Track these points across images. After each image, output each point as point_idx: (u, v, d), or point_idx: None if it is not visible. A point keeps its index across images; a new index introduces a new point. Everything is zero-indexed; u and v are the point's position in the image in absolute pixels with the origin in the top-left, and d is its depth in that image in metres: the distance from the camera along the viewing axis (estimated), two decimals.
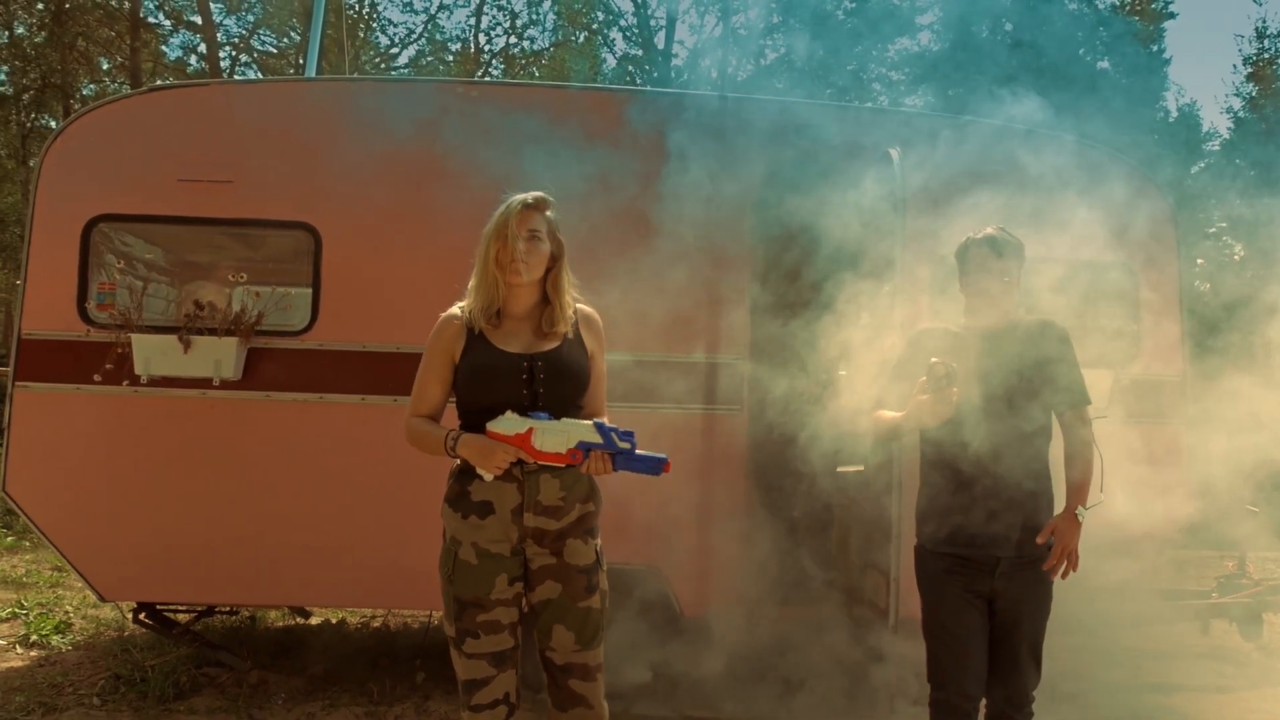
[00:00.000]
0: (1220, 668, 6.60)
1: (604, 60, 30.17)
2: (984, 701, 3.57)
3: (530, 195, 3.13)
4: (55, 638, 6.14)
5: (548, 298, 3.15)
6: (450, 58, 29.40)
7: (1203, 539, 10.25)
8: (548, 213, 3.15)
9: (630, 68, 29.92)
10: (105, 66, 26.94)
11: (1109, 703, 5.65)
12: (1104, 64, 26.82)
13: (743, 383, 5.12)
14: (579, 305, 3.23)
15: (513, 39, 29.17)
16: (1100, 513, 3.77)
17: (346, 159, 5.00)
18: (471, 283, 3.16)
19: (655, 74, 28.94)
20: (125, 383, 4.90)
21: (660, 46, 29.52)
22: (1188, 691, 6.03)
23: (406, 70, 28.26)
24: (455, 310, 3.19)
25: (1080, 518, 3.47)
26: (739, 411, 5.10)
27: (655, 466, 2.98)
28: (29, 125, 26.39)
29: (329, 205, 5.02)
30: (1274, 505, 7.15)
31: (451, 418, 3.17)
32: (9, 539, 9.39)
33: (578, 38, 29.21)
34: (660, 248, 4.90)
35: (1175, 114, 30.17)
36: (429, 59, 28.97)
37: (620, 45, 31.42)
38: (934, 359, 3.27)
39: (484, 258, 3.10)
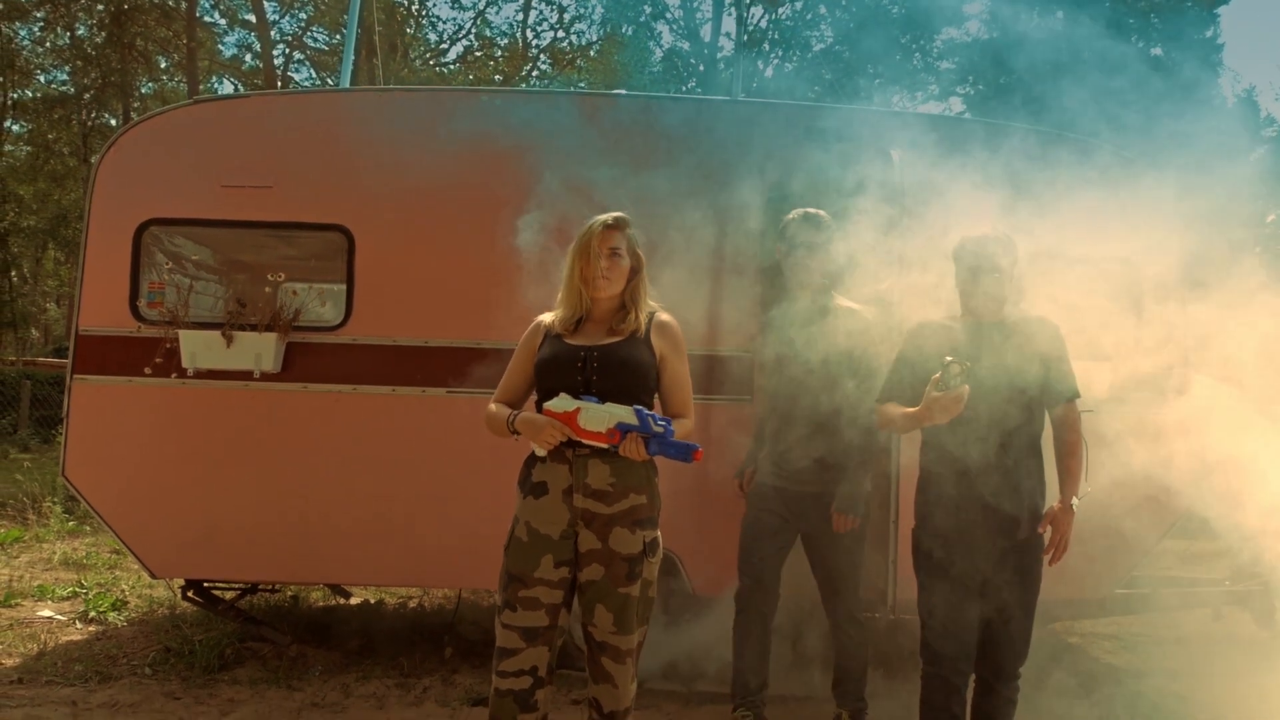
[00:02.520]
0: (1231, 654, 6.72)
1: (651, 53, 30.33)
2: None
3: (611, 216, 3.42)
4: (112, 614, 6.51)
5: (626, 306, 3.43)
6: (498, 53, 29.72)
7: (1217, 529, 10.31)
8: (627, 231, 3.44)
9: (676, 61, 30.09)
10: (163, 65, 27.56)
11: (1116, 687, 5.81)
12: (1157, 51, 26.53)
13: (752, 374, 5.33)
14: (658, 313, 3.49)
15: (560, 34, 29.47)
16: None
17: (378, 165, 5.32)
18: (559, 295, 3.47)
19: (701, 67, 29.10)
20: (173, 375, 5.25)
21: (706, 39, 29.68)
22: (1196, 677, 6.15)
23: (455, 66, 28.66)
24: (544, 316, 3.51)
25: (1074, 507, 3.68)
26: (749, 401, 5.31)
27: (686, 453, 3.21)
28: (90, 123, 27.11)
29: (361, 208, 5.32)
30: None
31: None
32: (70, 524, 9.82)
33: (625, 31, 29.37)
34: (673, 244, 5.12)
35: (1232, 100, 29.73)
36: (478, 54, 29.32)
37: (667, 38, 31.62)
38: (949, 358, 3.49)
39: (569, 273, 3.41)
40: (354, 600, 7.10)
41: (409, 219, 5.35)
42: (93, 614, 6.50)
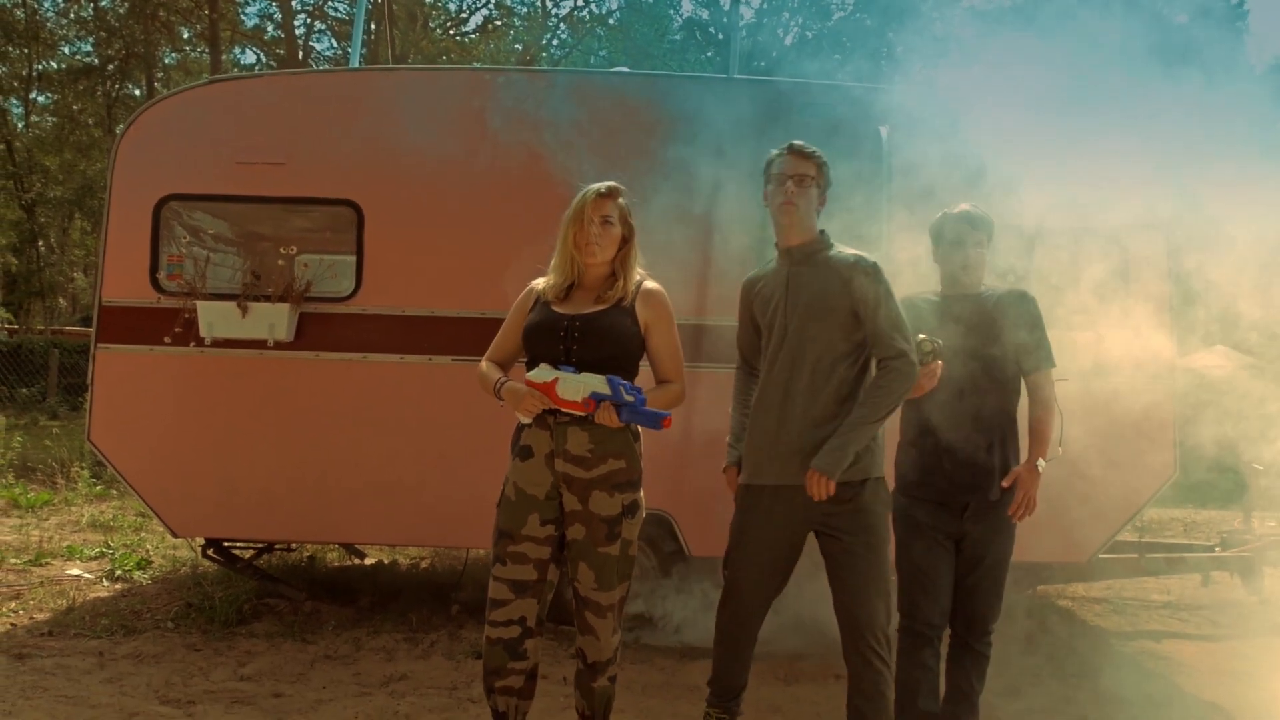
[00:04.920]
0: (1218, 617, 6.91)
1: (671, 21, 30.25)
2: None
3: (603, 184, 3.55)
4: (137, 573, 6.81)
5: (616, 274, 3.57)
6: (518, 22, 29.75)
7: (1208, 497, 10.46)
8: (619, 200, 3.57)
9: (695, 30, 30.03)
10: (186, 36, 27.76)
11: (1096, 647, 6.01)
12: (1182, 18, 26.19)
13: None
14: (646, 282, 3.61)
15: (579, 2, 29.45)
16: None
17: (386, 142, 5.52)
18: (553, 262, 3.60)
19: (720, 35, 29.02)
20: (192, 344, 5.49)
21: (726, 7, 29.56)
22: (1180, 638, 6.34)
23: (474, 36, 28.74)
24: (538, 281, 3.65)
25: (1040, 468, 3.87)
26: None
27: (655, 420, 3.36)
28: (114, 94, 27.37)
29: (370, 184, 5.53)
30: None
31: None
32: (98, 488, 10.16)
33: None
34: (667, 218, 5.29)
35: (1260, 68, 29.46)
36: (497, 23, 29.36)
37: (686, 6, 31.49)
38: (921, 335, 3.67)
39: (563, 240, 3.54)
40: (368, 560, 7.37)
41: (416, 193, 5.55)
42: (119, 572, 6.80)
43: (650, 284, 3.62)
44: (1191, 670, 5.59)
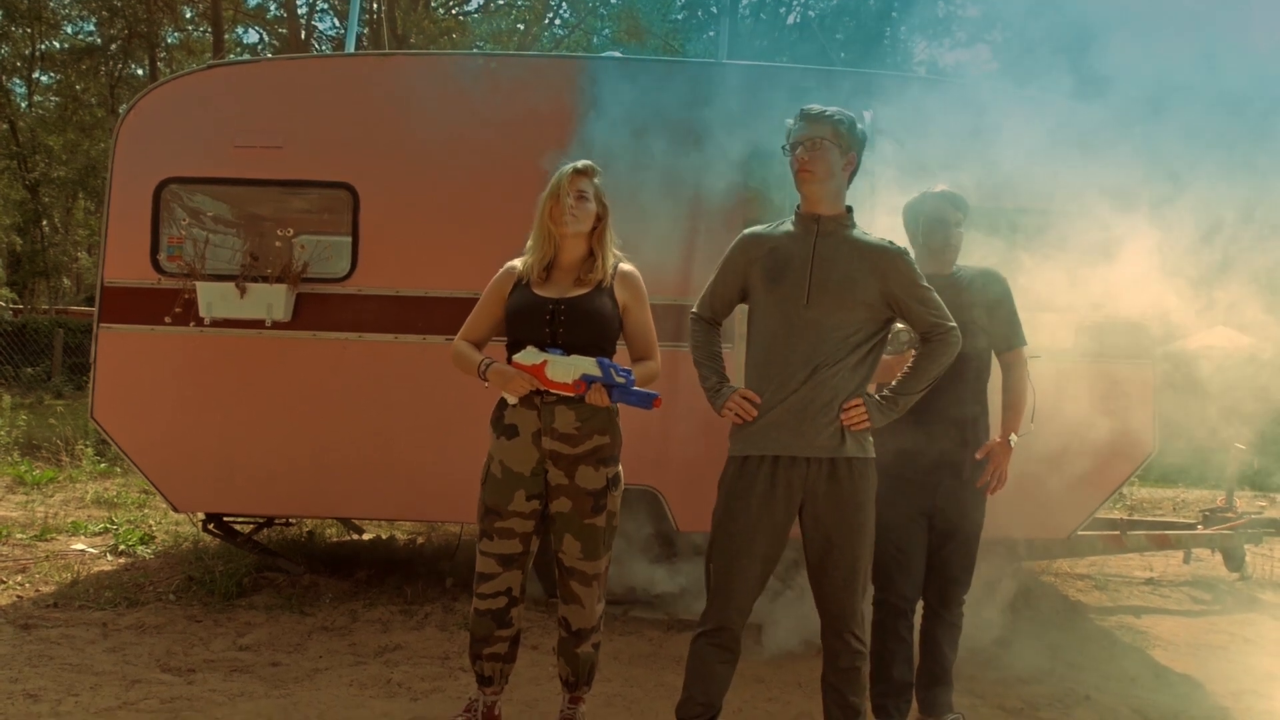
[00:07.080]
0: (1198, 594, 7.04)
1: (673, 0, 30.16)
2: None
3: (580, 162, 3.67)
4: (140, 547, 6.95)
5: (594, 252, 3.69)
6: (520, 1, 29.71)
7: (1193, 476, 10.57)
8: (595, 178, 3.69)
9: (698, 10, 29.96)
10: (188, 15, 27.80)
11: (1072, 621, 6.15)
12: None
13: (734, 324, 5.62)
14: (621, 264, 3.74)
15: None
16: None
17: (381, 125, 5.64)
18: (529, 241, 3.72)
19: (719, 15, 28.93)
20: (192, 324, 5.60)
21: None
22: (1159, 614, 6.48)
23: (476, 15, 28.74)
24: (515, 262, 3.76)
25: (1011, 443, 4.00)
26: (730, 349, 5.61)
27: (646, 401, 3.49)
28: (117, 74, 27.44)
29: (366, 167, 5.64)
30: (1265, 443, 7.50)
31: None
32: (102, 465, 10.32)
33: None
34: (662, 202, 5.40)
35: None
36: (499, 2, 29.34)
37: None
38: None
39: (540, 215, 3.66)
40: (365, 536, 7.52)
41: (410, 176, 5.66)
42: (122, 547, 6.94)
43: (626, 266, 3.75)
44: (1167, 644, 5.72)
